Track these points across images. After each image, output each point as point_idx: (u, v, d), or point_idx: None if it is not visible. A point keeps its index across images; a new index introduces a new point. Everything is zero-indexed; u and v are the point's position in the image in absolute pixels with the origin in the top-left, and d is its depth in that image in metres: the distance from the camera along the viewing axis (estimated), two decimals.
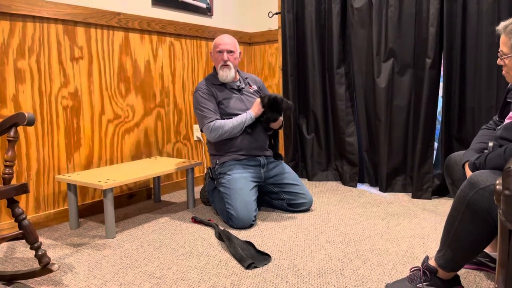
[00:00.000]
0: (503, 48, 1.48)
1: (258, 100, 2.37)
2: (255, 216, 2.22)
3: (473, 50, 2.59)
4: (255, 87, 2.56)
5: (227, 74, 2.39)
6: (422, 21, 2.68)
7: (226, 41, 2.41)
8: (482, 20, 2.52)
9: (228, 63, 2.39)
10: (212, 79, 2.45)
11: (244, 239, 1.99)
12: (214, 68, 2.47)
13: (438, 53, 2.64)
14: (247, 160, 2.37)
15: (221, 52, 2.39)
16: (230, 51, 2.40)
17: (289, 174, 2.47)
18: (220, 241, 2.01)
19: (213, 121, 2.32)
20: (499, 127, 1.54)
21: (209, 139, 2.35)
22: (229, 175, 2.31)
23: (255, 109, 2.36)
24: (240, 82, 2.48)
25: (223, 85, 2.43)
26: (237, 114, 2.37)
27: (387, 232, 2.10)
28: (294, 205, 2.42)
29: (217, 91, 2.41)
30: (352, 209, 2.50)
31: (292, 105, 2.44)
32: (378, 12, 2.81)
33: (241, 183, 2.27)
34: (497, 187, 1.06)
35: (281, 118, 2.45)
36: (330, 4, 3.02)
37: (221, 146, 2.39)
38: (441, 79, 2.70)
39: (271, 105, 2.32)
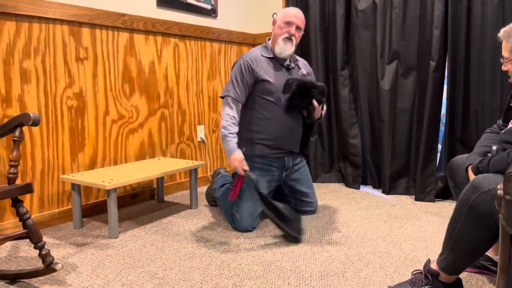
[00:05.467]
0: (504, 53, 1.48)
1: (239, 156, 2.11)
2: (257, 223, 2.22)
3: (477, 53, 2.58)
4: (304, 71, 2.36)
5: (286, 49, 2.21)
6: (426, 23, 2.68)
7: (298, 15, 2.22)
8: (486, 23, 2.52)
9: (293, 38, 2.20)
10: (265, 51, 2.28)
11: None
12: (267, 40, 2.33)
13: (442, 56, 2.64)
14: (273, 160, 2.25)
15: (290, 24, 2.19)
16: (298, 27, 2.22)
17: (306, 179, 2.39)
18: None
19: (232, 100, 2.16)
20: (503, 131, 1.54)
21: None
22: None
23: (234, 159, 2.10)
24: (290, 62, 2.30)
25: (274, 59, 2.26)
26: (281, 94, 2.19)
27: (389, 235, 2.10)
28: (299, 211, 2.41)
29: (265, 65, 2.23)
30: (355, 211, 2.50)
31: (324, 88, 2.20)
32: (382, 14, 2.81)
33: (258, 189, 2.19)
34: (498, 191, 1.06)
35: (322, 111, 2.28)
36: (334, 6, 3.02)
37: (252, 129, 2.24)
38: (445, 82, 2.70)
39: (300, 92, 2.16)
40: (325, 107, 2.34)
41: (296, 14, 2.23)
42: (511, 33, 1.43)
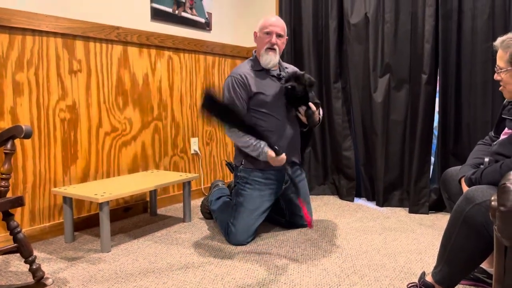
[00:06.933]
0: (500, 62, 1.50)
1: (277, 156, 2.04)
2: (253, 237, 2.21)
3: (468, 67, 2.62)
4: None
5: (271, 59, 2.20)
6: (418, 37, 2.72)
7: (277, 23, 2.21)
8: (476, 37, 2.56)
9: (275, 47, 2.19)
10: (253, 64, 2.27)
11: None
12: (254, 53, 2.32)
13: (433, 69, 2.68)
14: (272, 173, 2.21)
15: (269, 33, 2.18)
16: (279, 35, 2.21)
17: (303, 194, 2.36)
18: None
19: None
20: (495, 142, 1.55)
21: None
22: (249, 188, 2.19)
23: (271, 157, 2.05)
24: (280, 71, 2.29)
25: (263, 71, 2.24)
26: (276, 104, 2.19)
27: (384, 247, 2.09)
28: (294, 224, 2.40)
29: (256, 78, 2.21)
30: (349, 223, 2.49)
31: (311, 79, 2.16)
32: (375, 28, 2.85)
33: (256, 204, 2.18)
34: (493, 203, 1.06)
35: (318, 114, 2.26)
36: (327, 20, 3.05)
37: None
38: (437, 95, 2.73)
39: (289, 79, 2.14)
40: (321, 111, 2.34)
41: (274, 23, 2.22)
42: (510, 44, 1.44)
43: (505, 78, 1.48)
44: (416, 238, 2.23)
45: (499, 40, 1.50)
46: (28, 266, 1.83)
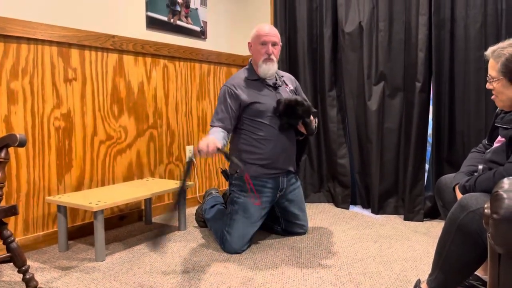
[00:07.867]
0: (491, 72, 1.51)
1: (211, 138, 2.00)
2: (248, 245, 2.20)
3: (461, 75, 2.64)
4: (291, 87, 2.37)
5: (269, 68, 2.22)
6: (411, 46, 2.75)
7: (271, 32, 2.22)
8: (469, 45, 2.59)
9: (272, 56, 2.21)
10: (249, 74, 2.28)
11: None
12: (250, 62, 2.33)
13: (427, 77, 2.70)
14: (266, 181, 2.21)
15: (264, 44, 2.20)
16: (274, 44, 2.23)
17: (299, 201, 2.36)
18: None
19: (215, 127, 2.18)
20: (488, 150, 1.57)
21: None
22: (244, 196, 2.19)
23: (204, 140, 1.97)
24: (276, 80, 2.30)
25: (259, 80, 2.26)
26: (269, 112, 2.21)
27: (379, 255, 2.09)
28: (289, 232, 2.40)
29: (251, 88, 2.23)
30: (345, 231, 2.49)
31: (309, 106, 2.21)
32: (369, 37, 2.87)
33: (251, 212, 2.18)
34: (486, 210, 1.07)
35: (314, 122, 2.28)
36: (321, 29, 3.08)
37: (245, 150, 2.22)
38: (431, 102, 2.75)
39: (286, 111, 2.17)
40: (316, 120, 2.35)
41: (268, 32, 2.23)
42: (501, 54, 1.46)
43: (497, 87, 1.50)
44: (411, 245, 2.23)
45: (490, 49, 1.51)
46: (21, 275, 1.82)
